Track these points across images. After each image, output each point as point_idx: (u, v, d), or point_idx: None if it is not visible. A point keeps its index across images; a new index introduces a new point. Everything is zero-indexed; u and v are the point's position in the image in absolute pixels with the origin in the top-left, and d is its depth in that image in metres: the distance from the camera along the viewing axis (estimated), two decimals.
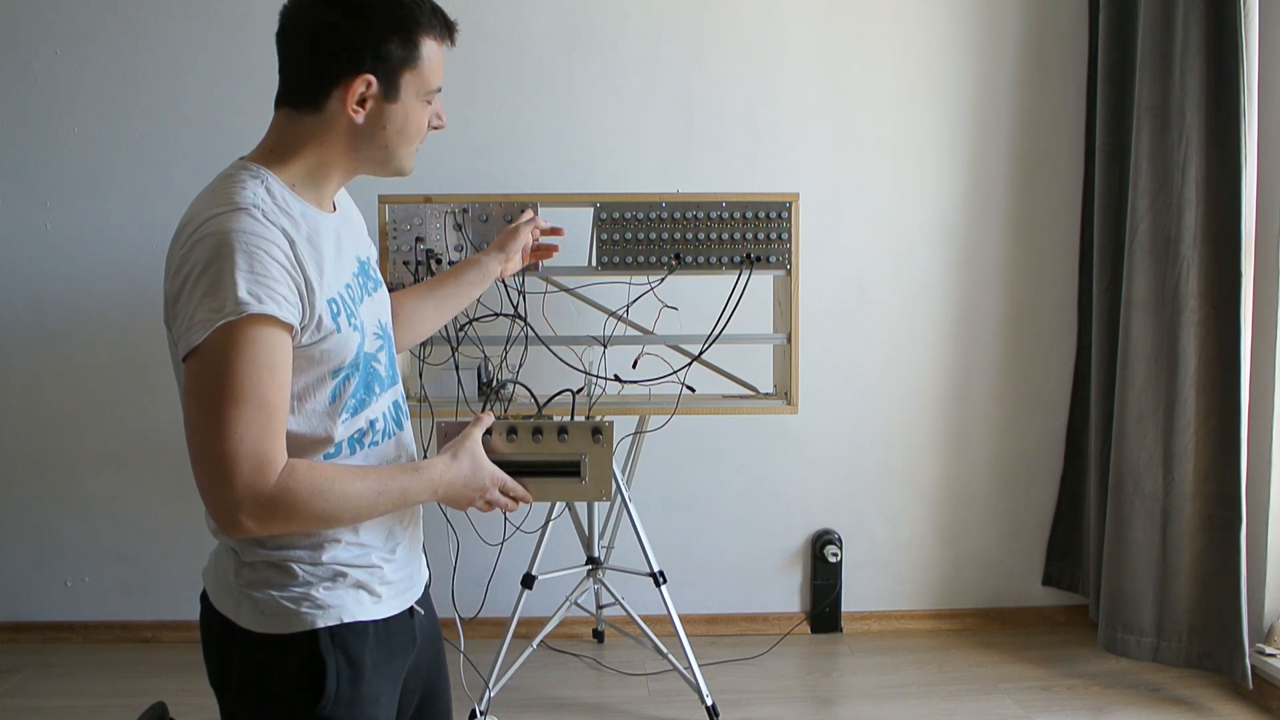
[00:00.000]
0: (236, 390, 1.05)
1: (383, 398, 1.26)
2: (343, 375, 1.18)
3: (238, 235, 1.06)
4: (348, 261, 1.24)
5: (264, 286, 1.06)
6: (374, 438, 1.24)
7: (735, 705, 2.53)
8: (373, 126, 1.18)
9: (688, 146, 2.84)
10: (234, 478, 1.05)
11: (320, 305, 1.13)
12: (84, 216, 2.78)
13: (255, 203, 1.10)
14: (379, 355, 1.26)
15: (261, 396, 1.06)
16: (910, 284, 2.94)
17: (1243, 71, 2.32)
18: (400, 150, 1.22)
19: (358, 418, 1.22)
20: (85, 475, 2.88)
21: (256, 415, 1.06)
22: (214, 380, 1.06)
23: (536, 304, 2.30)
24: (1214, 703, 2.53)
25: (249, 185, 1.13)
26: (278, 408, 1.09)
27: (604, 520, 2.67)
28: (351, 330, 1.18)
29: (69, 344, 2.82)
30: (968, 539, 3.05)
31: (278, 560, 1.18)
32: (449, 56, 1.26)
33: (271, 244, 1.08)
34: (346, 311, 1.18)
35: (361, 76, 1.14)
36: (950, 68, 2.87)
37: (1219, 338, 2.42)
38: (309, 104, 1.16)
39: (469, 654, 2.34)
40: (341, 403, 1.19)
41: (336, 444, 1.20)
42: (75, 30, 2.73)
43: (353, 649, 1.19)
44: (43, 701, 2.58)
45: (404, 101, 1.18)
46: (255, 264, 1.06)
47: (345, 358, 1.18)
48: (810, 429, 2.93)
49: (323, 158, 1.19)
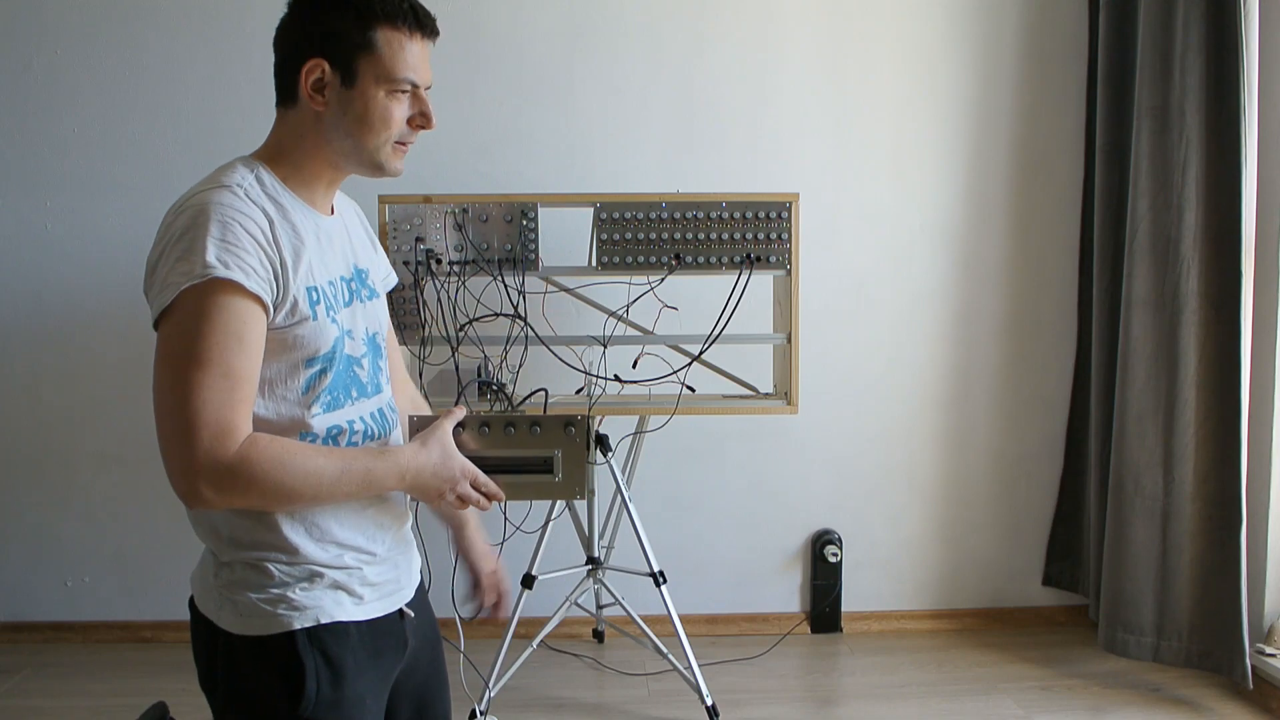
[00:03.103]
0: (201, 355, 1.06)
1: (362, 403, 1.26)
2: (317, 367, 1.18)
3: (215, 207, 1.10)
4: (339, 263, 1.25)
5: (233, 255, 1.08)
6: (352, 438, 1.23)
7: (735, 705, 2.53)
8: (335, 115, 1.17)
9: (688, 146, 2.84)
10: (195, 443, 1.06)
11: (296, 288, 1.14)
12: (84, 216, 2.78)
13: (240, 183, 1.14)
14: (362, 362, 1.26)
15: (226, 364, 1.07)
16: (910, 284, 2.94)
17: (1243, 71, 2.31)
18: (365, 140, 1.18)
19: (333, 414, 1.21)
20: (85, 475, 2.88)
21: (220, 382, 1.07)
22: (180, 344, 1.07)
23: (536, 304, 2.30)
24: (1214, 703, 2.53)
25: (239, 170, 1.17)
26: (243, 378, 1.09)
27: (604, 520, 2.67)
28: (329, 322, 1.18)
29: (69, 344, 2.82)
30: (968, 539, 3.05)
31: (254, 560, 1.18)
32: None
33: (248, 218, 1.11)
34: (327, 304, 1.19)
35: (313, 60, 1.16)
36: (950, 68, 2.87)
37: (1219, 338, 2.42)
38: (287, 97, 1.20)
39: (469, 654, 2.34)
40: (314, 395, 1.18)
41: (311, 435, 1.19)
42: (75, 30, 2.73)
43: (332, 650, 1.19)
44: (43, 701, 2.58)
45: (361, 88, 1.17)
46: (228, 234, 1.09)
47: (320, 347, 1.17)
48: (810, 429, 2.93)
49: (303, 150, 1.20)
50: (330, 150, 1.20)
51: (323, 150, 1.20)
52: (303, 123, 1.19)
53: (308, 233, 1.19)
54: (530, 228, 2.26)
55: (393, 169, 1.22)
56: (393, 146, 1.21)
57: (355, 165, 1.22)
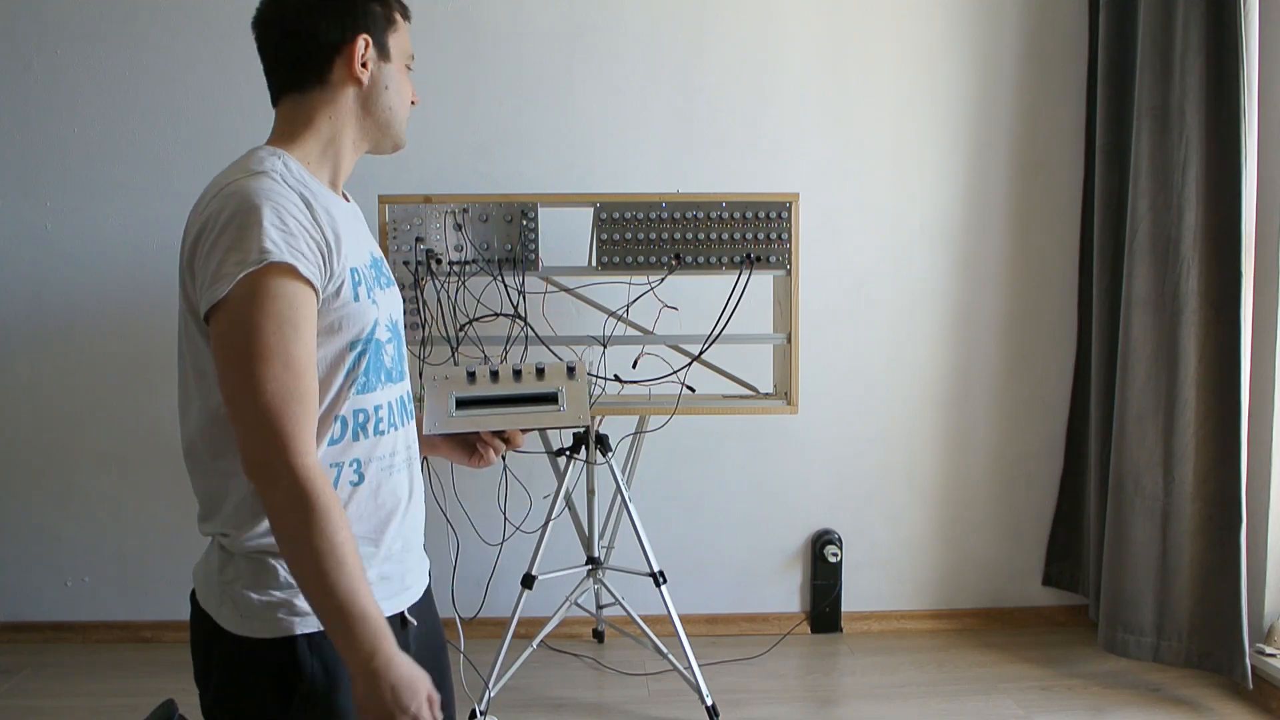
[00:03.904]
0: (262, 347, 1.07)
1: (388, 389, 1.25)
2: (359, 350, 1.19)
3: (260, 193, 1.10)
4: (364, 248, 1.26)
5: (288, 239, 1.09)
6: (378, 425, 1.23)
7: (735, 705, 2.53)
8: (376, 88, 1.23)
9: (688, 146, 2.85)
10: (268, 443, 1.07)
11: (341, 269, 1.15)
12: (84, 216, 2.78)
13: (274, 169, 1.16)
14: (387, 347, 1.25)
15: (286, 353, 1.08)
16: (910, 284, 2.94)
17: (1243, 71, 2.32)
18: (400, 113, 1.26)
19: (365, 397, 1.21)
20: (85, 475, 2.88)
21: (283, 374, 1.08)
22: (241, 337, 1.08)
23: (536, 304, 2.30)
24: (1214, 703, 2.53)
25: (266, 159, 1.17)
26: (304, 366, 1.10)
27: (604, 520, 2.67)
28: (370, 303, 1.20)
29: (69, 344, 2.82)
30: (968, 539, 3.05)
31: (267, 548, 1.15)
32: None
33: (291, 203, 1.12)
34: (366, 285, 1.20)
35: (360, 37, 1.21)
36: (950, 68, 2.87)
37: (1219, 338, 2.42)
38: (314, 80, 1.21)
39: (469, 654, 2.34)
40: (353, 378, 1.19)
41: (340, 417, 1.18)
42: (75, 30, 2.73)
43: (331, 657, 1.16)
44: (43, 701, 2.58)
45: (395, 61, 1.25)
46: (280, 218, 1.10)
47: (363, 329, 1.18)
48: (810, 429, 2.93)
49: (334, 129, 1.23)
50: (363, 123, 1.24)
51: (355, 125, 1.24)
52: (334, 101, 1.22)
53: (339, 217, 1.20)
54: (530, 228, 2.26)
55: (404, 141, 1.30)
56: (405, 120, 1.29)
57: (380, 141, 1.27)
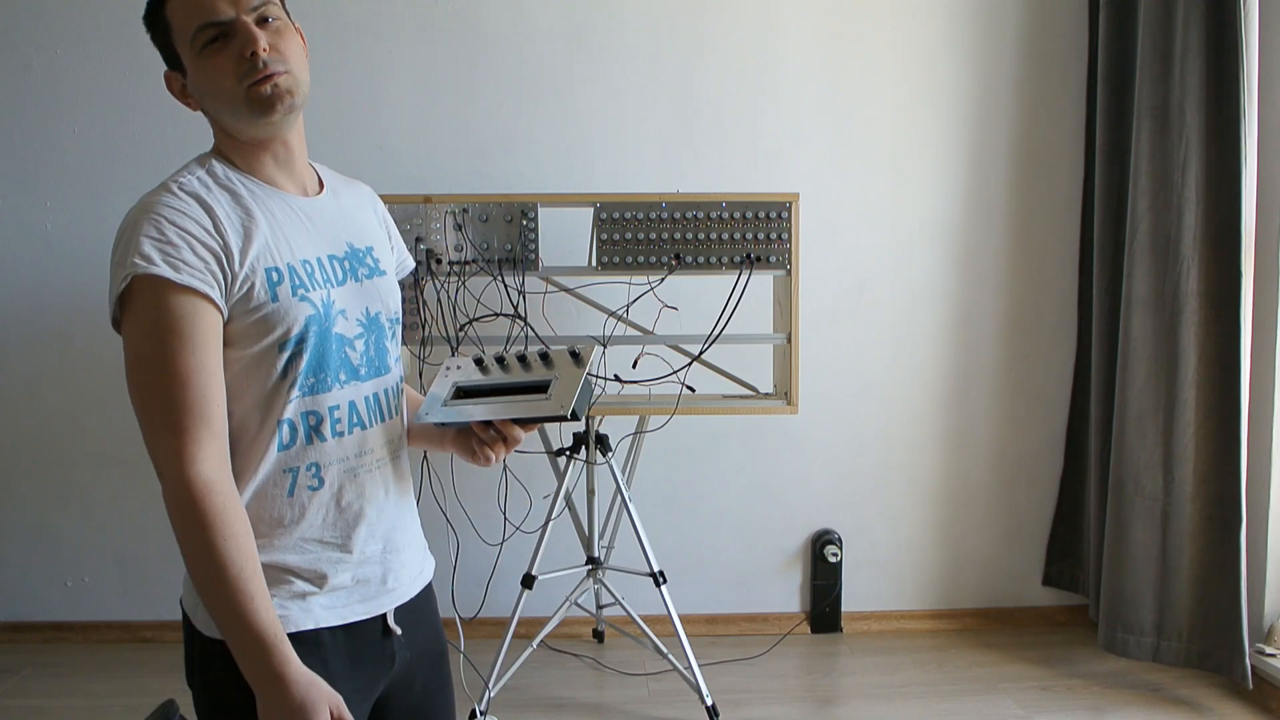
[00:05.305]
0: (146, 357, 1.08)
1: (350, 388, 1.21)
2: (289, 350, 1.15)
3: (145, 208, 1.11)
4: (323, 241, 1.22)
5: (165, 250, 1.08)
6: (334, 427, 1.19)
7: (735, 705, 2.53)
8: (201, 100, 1.20)
9: (688, 146, 2.84)
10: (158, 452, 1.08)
11: (248, 270, 1.13)
12: (84, 216, 2.78)
13: (180, 180, 1.16)
14: (355, 343, 1.22)
15: (169, 363, 1.07)
16: (910, 284, 2.94)
17: (1243, 71, 2.32)
18: (224, 105, 1.16)
19: (314, 399, 1.17)
20: (85, 475, 2.88)
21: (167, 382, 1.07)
22: (130, 348, 1.10)
23: (536, 304, 2.30)
24: (1214, 703, 2.53)
25: (188, 168, 1.19)
26: (189, 376, 1.08)
27: (604, 520, 2.67)
28: (298, 302, 1.15)
29: (69, 344, 2.82)
30: (968, 539, 3.05)
31: None
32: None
33: (180, 213, 1.11)
34: (293, 283, 1.16)
35: (166, 75, 1.23)
36: (950, 67, 2.87)
37: (1219, 338, 2.42)
38: None
39: (469, 654, 2.34)
40: (291, 379, 1.15)
41: (286, 421, 1.15)
42: (75, 30, 2.73)
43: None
44: (43, 701, 2.58)
45: (188, 66, 1.18)
46: (160, 230, 1.09)
47: (290, 329, 1.14)
48: (810, 429, 2.93)
49: (219, 134, 1.23)
50: (228, 130, 1.21)
51: (226, 133, 1.22)
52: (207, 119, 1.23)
53: (267, 214, 1.17)
54: (530, 228, 2.26)
55: (264, 109, 1.15)
56: (246, 90, 1.14)
57: (245, 128, 1.18)
